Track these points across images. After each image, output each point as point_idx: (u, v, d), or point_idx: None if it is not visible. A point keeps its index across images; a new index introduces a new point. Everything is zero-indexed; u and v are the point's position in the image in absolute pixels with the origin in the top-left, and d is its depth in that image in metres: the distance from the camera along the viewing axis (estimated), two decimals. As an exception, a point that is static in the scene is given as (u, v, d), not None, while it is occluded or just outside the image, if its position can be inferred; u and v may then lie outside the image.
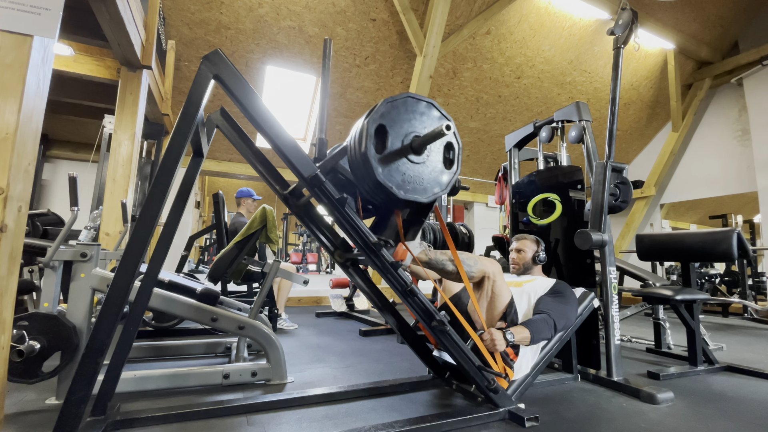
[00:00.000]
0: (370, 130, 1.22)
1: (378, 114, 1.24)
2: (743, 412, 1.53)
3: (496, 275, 1.57)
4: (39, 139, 1.24)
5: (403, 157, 1.27)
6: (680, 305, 2.11)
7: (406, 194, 1.26)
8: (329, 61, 1.42)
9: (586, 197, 2.09)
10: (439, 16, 4.15)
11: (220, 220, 2.88)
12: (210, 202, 11.73)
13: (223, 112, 1.52)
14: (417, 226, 1.50)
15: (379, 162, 1.22)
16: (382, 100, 1.26)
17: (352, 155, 1.29)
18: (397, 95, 1.29)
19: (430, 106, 1.33)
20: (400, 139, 1.27)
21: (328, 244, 1.59)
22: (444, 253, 1.55)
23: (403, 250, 1.44)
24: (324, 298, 4.83)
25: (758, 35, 5.86)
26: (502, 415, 1.40)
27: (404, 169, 1.27)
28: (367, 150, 1.20)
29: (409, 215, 1.51)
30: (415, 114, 1.30)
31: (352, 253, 1.52)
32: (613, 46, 1.97)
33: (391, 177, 1.24)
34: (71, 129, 4.78)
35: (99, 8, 2.30)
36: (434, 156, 1.33)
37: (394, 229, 1.47)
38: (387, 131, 1.25)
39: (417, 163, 1.29)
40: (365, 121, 1.23)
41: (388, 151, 1.24)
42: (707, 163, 6.50)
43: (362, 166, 1.24)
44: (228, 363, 1.89)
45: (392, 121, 1.26)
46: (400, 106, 1.28)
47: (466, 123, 6.02)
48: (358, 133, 1.26)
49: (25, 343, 1.32)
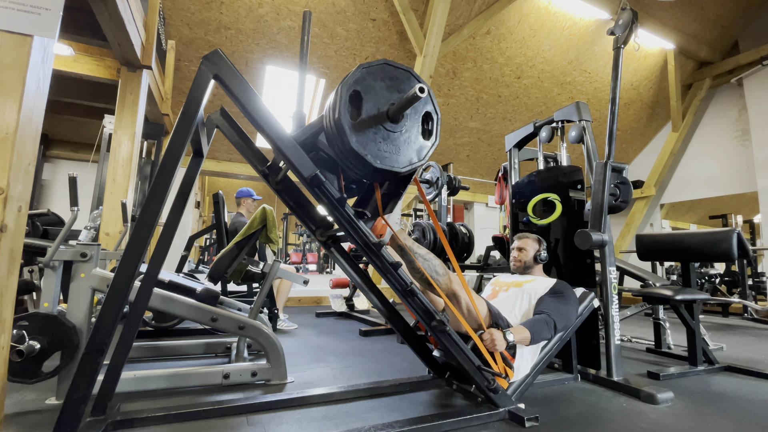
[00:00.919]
0: (344, 95, 1.16)
1: (353, 79, 1.18)
2: (743, 412, 1.53)
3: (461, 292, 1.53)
4: (39, 139, 1.24)
5: (379, 125, 1.21)
6: (680, 305, 2.11)
7: (382, 163, 1.21)
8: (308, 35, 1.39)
9: (586, 197, 2.09)
10: (439, 16, 4.15)
11: (220, 220, 2.88)
12: (210, 202, 11.73)
13: (223, 112, 1.51)
14: (396, 199, 1.44)
15: (353, 129, 1.17)
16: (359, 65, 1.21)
17: (328, 124, 1.23)
18: (374, 61, 1.23)
19: (408, 74, 1.28)
20: (376, 107, 1.21)
21: (309, 223, 1.56)
22: (421, 248, 1.52)
23: (382, 224, 1.39)
24: (324, 298, 4.83)
25: (758, 35, 5.86)
26: (502, 415, 1.40)
27: (380, 138, 1.22)
28: (341, 116, 1.15)
29: (387, 188, 1.46)
30: (393, 81, 1.25)
31: (333, 230, 1.47)
32: (613, 46, 1.97)
33: (366, 145, 1.19)
34: (71, 129, 4.78)
35: (99, 8, 2.30)
36: (411, 125, 1.28)
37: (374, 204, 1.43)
38: (362, 98, 1.19)
39: (393, 132, 1.24)
40: (340, 87, 1.18)
41: (362, 117, 1.19)
42: (707, 163, 6.50)
43: (337, 134, 1.18)
44: (228, 363, 1.89)
45: (368, 88, 1.20)
46: (377, 72, 1.22)
47: (466, 123, 6.02)
48: (333, 100, 1.20)
49: (25, 343, 1.32)
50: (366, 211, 1.31)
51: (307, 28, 1.40)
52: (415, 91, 1.11)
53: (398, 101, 1.23)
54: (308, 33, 1.40)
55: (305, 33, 1.39)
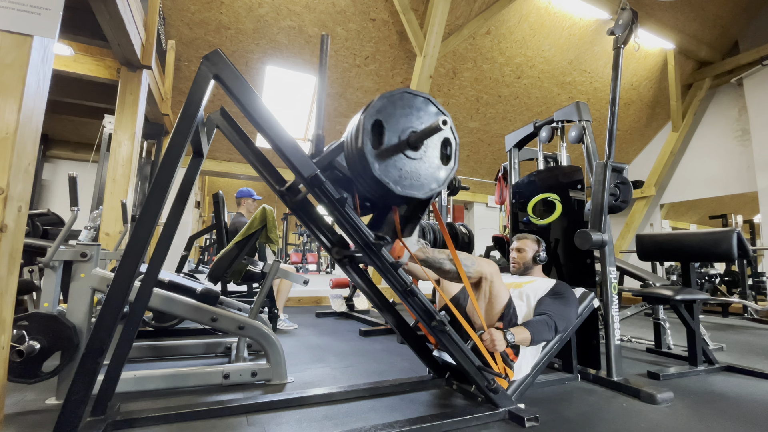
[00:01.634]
0: (366, 125, 1.21)
1: (374, 109, 1.23)
2: (743, 412, 1.53)
3: (493, 276, 1.57)
4: (39, 139, 1.25)
5: (400, 152, 1.25)
6: (680, 305, 2.11)
7: (403, 190, 1.24)
8: (326, 57, 1.41)
9: (586, 197, 2.09)
10: (439, 16, 4.15)
11: (220, 220, 2.88)
12: (210, 202, 11.73)
13: (223, 112, 1.52)
14: (414, 222, 1.48)
15: (376, 158, 1.21)
16: (379, 95, 1.26)
17: (349, 151, 1.28)
18: (394, 90, 1.27)
19: (426, 101, 1.32)
20: (397, 135, 1.25)
21: (326, 241, 1.58)
22: (442, 252, 1.54)
23: (400, 246, 1.43)
24: (324, 298, 4.83)
25: (758, 35, 5.86)
26: (502, 415, 1.40)
27: (401, 164, 1.25)
28: (363, 145, 1.19)
29: (406, 211, 1.50)
30: (412, 109, 1.29)
31: (349, 250, 1.51)
32: (613, 46, 1.97)
33: (388, 173, 1.23)
34: (71, 129, 4.78)
35: (99, 8, 2.30)
36: (431, 152, 1.32)
37: (391, 225, 1.46)
38: (383, 127, 1.24)
39: (414, 159, 1.28)
40: (362, 117, 1.22)
41: (384, 146, 1.23)
42: (707, 163, 6.50)
43: (359, 162, 1.23)
44: (228, 363, 1.89)
45: (389, 117, 1.25)
46: (397, 101, 1.27)
47: (466, 123, 6.02)
48: (355, 128, 1.25)
49: (25, 343, 1.32)
50: (387, 237, 1.35)
51: (325, 50, 1.41)
52: (438, 123, 1.15)
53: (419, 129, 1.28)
54: (326, 54, 1.41)
55: (323, 55, 1.41)
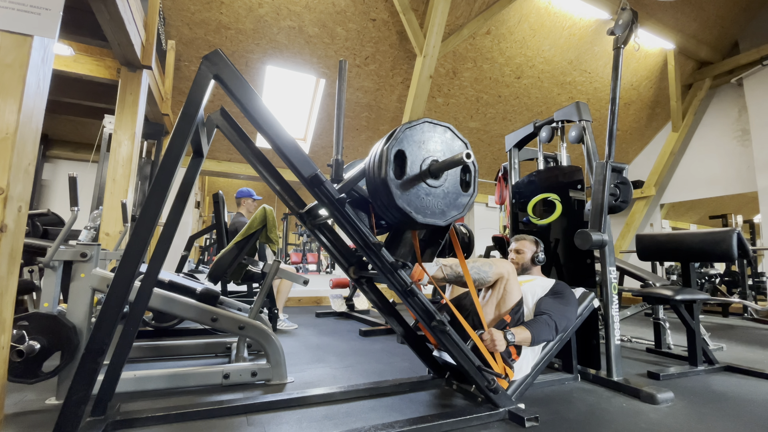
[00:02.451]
0: (390, 155, 1.24)
1: (397, 140, 1.26)
2: (743, 412, 1.53)
3: (510, 274, 1.63)
4: (39, 139, 1.24)
5: (422, 181, 1.29)
6: (680, 305, 2.11)
7: (425, 218, 1.28)
8: (344, 83, 1.43)
9: (586, 197, 2.09)
10: (439, 16, 4.15)
11: (220, 220, 2.88)
12: (210, 202, 11.73)
13: (223, 112, 1.52)
14: (434, 248, 1.52)
15: (399, 187, 1.25)
16: (401, 125, 1.29)
17: (371, 178, 1.31)
18: (415, 120, 1.31)
19: (446, 129, 1.37)
20: (419, 164, 1.29)
21: (343, 261, 1.61)
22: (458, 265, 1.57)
23: (419, 270, 1.46)
24: (324, 298, 4.83)
25: (758, 35, 5.86)
26: (502, 415, 1.40)
27: (423, 193, 1.29)
28: (387, 176, 1.23)
29: (425, 236, 1.54)
30: (432, 138, 1.34)
31: (366, 270, 1.54)
32: (613, 46, 1.97)
33: (411, 202, 1.26)
34: (71, 129, 4.78)
35: (99, 8, 2.30)
36: (451, 179, 1.36)
37: (409, 247, 1.50)
38: (406, 156, 1.27)
39: (435, 187, 1.32)
40: (385, 147, 1.26)
41: (407, 177, 1.27)
42: (707, 163, 6.50)
43: (382, 190, 1.26)
44: (228, 363, 1.89)
45: (411, 146, 1.29)
46: (418, 131, 1.31)
47: (466, 123, 6.02)
48: (377, 157, 1.28)
49: (25, 343, 1.32)
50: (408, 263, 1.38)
51: (344, 76, 1.42)
52: (462, 156, 1.18)
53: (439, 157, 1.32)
54: (344, 80, 1.43)
55: (342, 81, 1.42)
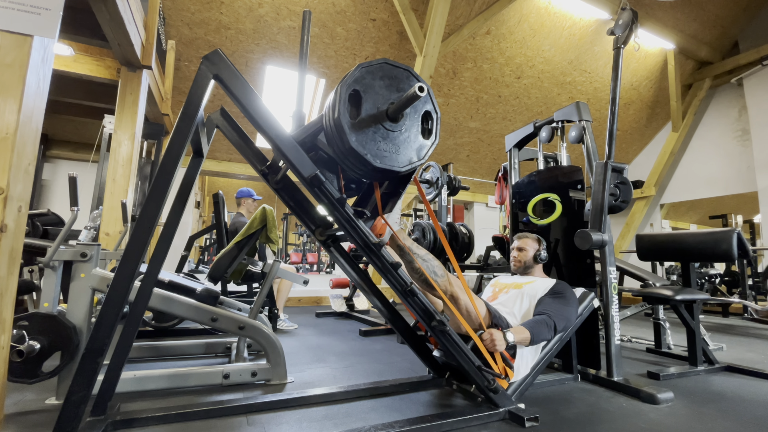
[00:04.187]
0: (343, 95, 1.17)
1: (352, 79, 1.19)
2: (743, 412, 1.53)
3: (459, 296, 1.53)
4: (39, 139, 1.25)
5: (379, 124, 1.21)
6: (680, 305, 2.11)
7: (381, 162, 1.21)
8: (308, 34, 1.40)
9: (586, 197, 2.09)
10: (439, 16, 4.15)
11: (220, 220, 2.88)
12: (210, 202, 11.73)
13: (223, 112, 1.52)
14: (395, 198, 1.44)
15: (353, 128, 1.17)
16: (358, 64, 1.22)
17: (327, 123, 1.23)
18: (373, 60, 1.23)
19: (407, 73, 1.28)
20: (376, 107, 1.22)
21: (309, 222, 1.56)
22: (420, 248, 1.53)
23: (381, 224, 1.39)
24: (324, 298, 4.83)
25: (758, 35, 5.86)
26: (502, 415, 1.40)
27: (380, 137, 1.22)
28: (340, 116, 1.16)
29: (387, 187, 1.46)
30: (392, 81, 1.25)
31: (332, 229, 1.48)
32: (613, 46, 1.97)
33: (366, 144, 1.19)
34: (71, 129, 4.78)
35: (99, 8, 2.30)
36: (411, 125, 1.28)
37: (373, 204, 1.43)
38: (362, 97, 1.20)
39: (393, 131, 1.24)
40: (339, 87, 1.18)
41: (362, 117, 1.19)
42: (707, 163, 6.50)
43: (336, 134, 1.19)
44: (228, 363, 1.89)
45: (367, 87, 1.20)
46: (376, 71, 1.23)
47: (466, 123, 6.02)
48: (332, 99, 1.20)
49: (25, 343, 1.32)
50: (365, 210, 1.32)
51: (307, 27, 1.40)
52: (414, 90, 1.11)
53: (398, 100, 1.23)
54: (308, 32, 1.40)
55: (305, 32, 1.40)
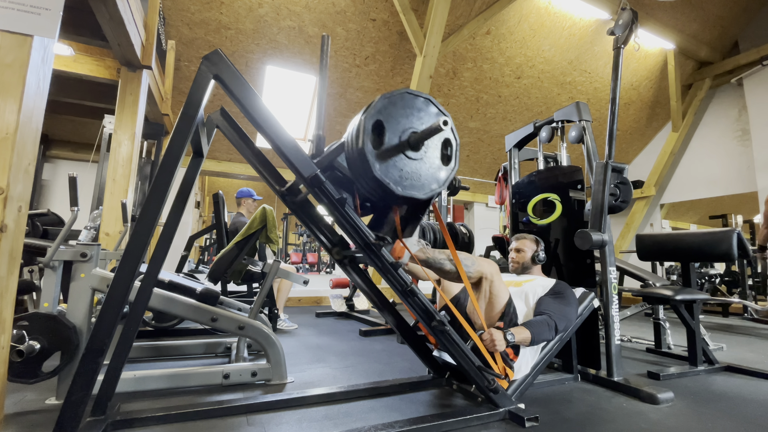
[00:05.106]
0: (367, 125, 1.21)
1: (375, 110, 1.23)
2: (743, 412, 1.53)
3: (493, 275, 1.57)
4: (39, 139, 1.25)
5: (401, 153, 1.25)
6: (680, 305, 2.11)
7: (403, 191, 1.25)
8: (327, 58, 1.41)
9: (586, 197, 2.09)
10: (439, 16, 4.15)
11: (220, 220, 2.88)
12: (210, 202, 11.73)
13: (223, 112, 1.52)
14: (414, 223, 1.48)
15: (377, 158, 1.21)
16: (380, 95, 1.25)
17: (350, 151, 1.28)
18: (395, 91, 1.27)
19: (427, 102, 1.32)
20: (398, 135, 1.25)
21: (326, 242, 1.59)
22: (442, 252, 1.54)
23: (400, 247, 1.44)
24: (324, 298, 4.83)
25: (758, 35, 5.86)
26: (502, 415, 1.40)
27: (401, 165, 1.25)
28: (364, 146, 1.19)
29: (406, 212, 1.50)
30: (413, 110, 1.29)
31: (349, 250, 1.52)
32: (613, 46, 1.97)
33: (389, 173, 1.23)
34: (71, 129, 4.78)
35: (99, 8, 2.30)
36: (432, 152, 1.32)
37: (391, 226, 1.46)
38: (384, 127, 1.24)
39: (414, 160, 1.28)
40: (362, 117, 1.22)
41: (385, 147, 1.23)
42: (707, 163, 6.50)
43: (359, 162, 1.23)
44: (228, 363, 1.89)
45: (389, 117, 1.25)
46: (398, 101, 1.27)
47: (466, 123, 6.02)
48: (355, 129, 1.25)
49: (25, 343, 1.32)
50: (387, 237, 1.35)
51: (326, 50, 1.40)
52: (438, 123, 1.15)
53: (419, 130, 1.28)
54: (327, 55, 1.41)
55: (324, 55, 1.40)
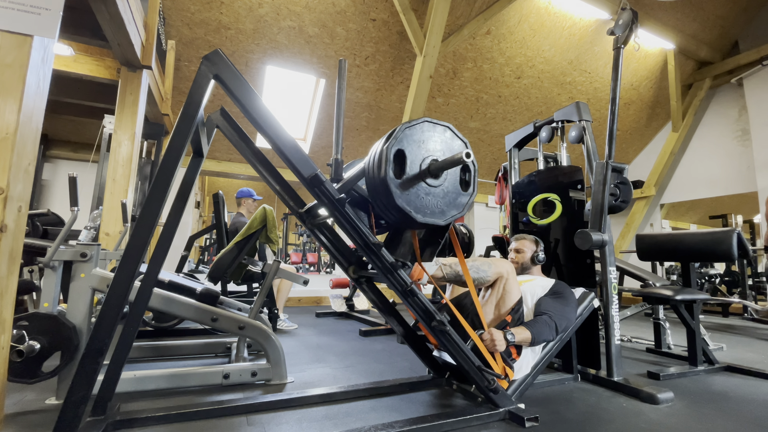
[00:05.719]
0: (389, 155, 1.24)
1: (397, 139, 1.26)
2: (743, 412, 1.53)
3: (509, 273, 1.63)
4: (39, 139, 1.24)
5: (422, 181, 1.29)
6: (680, 305, 2.11)
7: (424, 218, 1.28)
8: (344, 82, 1.43)
9: (586, 197, 2.09)
10: (439, 16, 4.15)
11: (220, 220, 2.88)
12: (210, 202, 11.73)
13: (223, 112, 1.52)
14: (434, 247, 1.52)
15: (398, 187, 1.25)
16: (401, 125, 1.29)
17: (371, 178, 1.31)
18: (415, 120, 1.31)
19: (446, 129, 1.37)
20: (418, 164, 1.29)
21: (343, 261, 1.60)
22: (458, 264, 1.58)
23: (419, 270, 1.47)
24: (324, 298, 4.83)
25: (758, 35, 5.86)
26: (502, 415, 1.40)
27: (422, 193, 1.29)
28: (386, 175, 1.23)
29: (425, 235, 1.54)
30: (432, 137, 1.33)
31: (366, 270, 1.54)
32: (613, 46, 1.97)
33: (410, 201, 1.26)
34: (71, 129, 4.78)
35: (99, 8, 2.30)
36: (451, 179, 1.36)
37: (409, 247, 1.49)
38: (405, 155, 1.27)
39: (434, 187, 1.31)
40: (384, 147, 1.25)
41: (406, 176, 1.26)
42: (707, 163, 6.50)
43: (381, 190, 1.26)
44: (228, 363, 1.89)
45: (410, 145, 1.28)
46: (417, 130, 1.31)
47: (466, 123, 6.02)
48: (377, 157, 1.28)
49: (25, 343, 1.32)
50: (407, 262, 1.39)
51: (343, 75, 1.42)
52: (461, 156, 1.18)
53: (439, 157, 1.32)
54: (344, 79, 1.42)
55: (341, 79, 1.42)
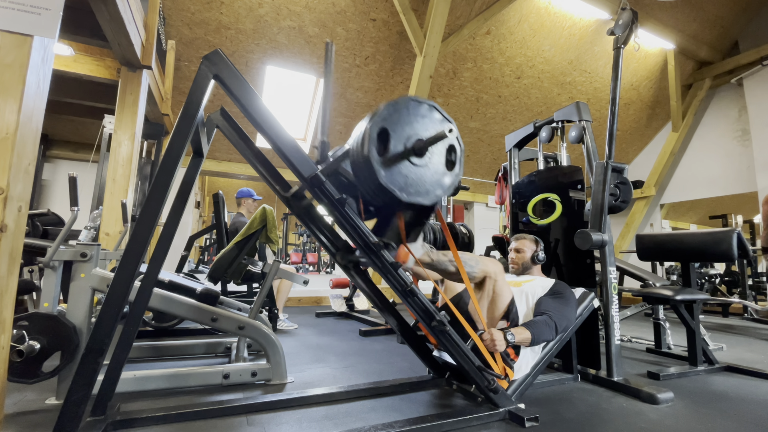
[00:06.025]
0: (372, 133, 1.22)
1: (380, 117, 1.24)
2: (743, 412, 1.53)
3: (497, 275, 1.58)
4: (39, 139, 1.24)
5: (405, 159, 1.27)
6: (680, 305, 2.11)
7: (408, 197, 1.26)
8: (331, 65, 1.41)
9: (586, 197, 2.09)
10: (439, 16, 4.15)
11: (220, 220, 2.88)
12: (210, 202, 11.73)
13: (223, 112, 1.52)
14: (419, 228, 1.50)
15: (382, 165, 1.23)
16: (384, 103, 1.27)
17: (355, 158, 1.29)
18: (399, 98, 1.28)
19: (431, 108, 1.34)
20: (402, 142, 1.27)
21: (330, 246, 1.60)
22: (446, 254, 1.55)
23: (405, 252, 1.45)
24: (324, 298, 4.83)
25: (758, 35, 5.86)
26: (502, 415, 1.40)
27: (406, 171, 1.27)
28: (369, 153, 1.21)
29: (410, 217, 1.52)
30: (417, 117, 1.31)
31: (353, 255, 1.53)
32: (613, 46, 1.97)
33: (394, 180, 1.24)
34: (71, 129, 4.78)
35: (99, 8, 2.30)
36: (436, 158, 1.33)
37: (395, 230, 1.47)
38: (389, 134, 1.25)
39: (419, 166, 1.29)
40: (368, 125, 1.24)
41: (390, 154, 1.24)
42: (707, 163, 6.50)
43: (365, 169, 1.24)
44: (228, 363, 1.89)
45: (394, 124, 1.26)
46: (402, 108, 1.28)
47: (466, 123, 6.02)
48: (361, 136, 1.26)
49: (25, 343, 1.32)
50: (392, 243, 1.36)
51: (330, 57, 1.40)
52: (444, 131, 1.17)
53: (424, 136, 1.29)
54: (331, 62, 1.41)
55: (329, 62, 1.40)
